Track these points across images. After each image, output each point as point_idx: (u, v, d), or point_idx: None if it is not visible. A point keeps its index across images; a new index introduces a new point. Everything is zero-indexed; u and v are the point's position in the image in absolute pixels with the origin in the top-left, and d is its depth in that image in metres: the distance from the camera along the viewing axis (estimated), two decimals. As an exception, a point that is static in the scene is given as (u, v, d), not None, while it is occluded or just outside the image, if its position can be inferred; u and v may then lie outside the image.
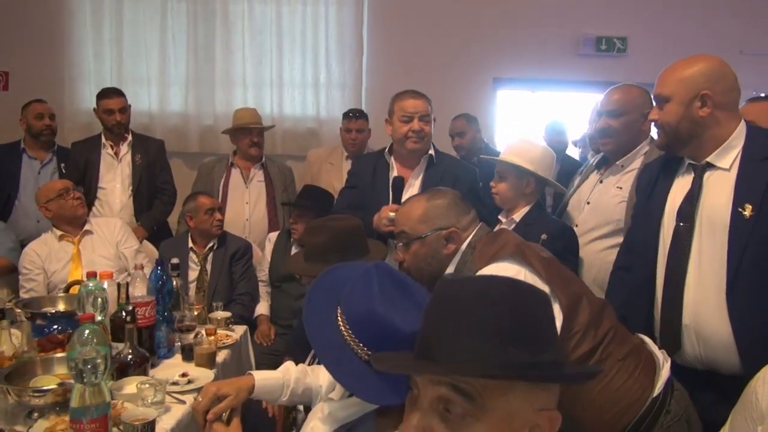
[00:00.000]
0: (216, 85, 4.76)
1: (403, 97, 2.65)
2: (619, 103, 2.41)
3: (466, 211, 1.69)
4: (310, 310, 1.31)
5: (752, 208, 1.72)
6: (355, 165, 2.95)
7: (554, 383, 0.80)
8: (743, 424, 1.36)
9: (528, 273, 1.46)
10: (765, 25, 4.76)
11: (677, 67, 1.86)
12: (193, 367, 2.22)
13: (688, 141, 1.85)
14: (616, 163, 2.45)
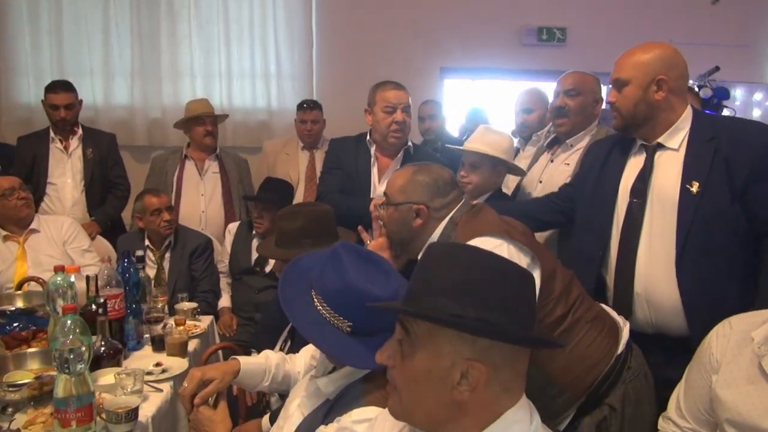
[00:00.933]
0: (163, 77, 4.67)
1: (385, 88, 2.66)
2: (576, 83, 2.57)
3: (443, 194, 1.75)
4: (286, 300, 1.38)
5: (699, 184, 1.84)
6: (333, 148, 2.87)
7: (468, 333, 0.92)
8: (698, 376, 1.52)
9: (510, 246, 1.56)
10: (694, 15, 5.05)
11: (635, 53, 1.95)
12: (165, 357, 2.24)
13: (642, 123, 1.96)
14: (566, 142, 2.62)
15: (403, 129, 2.63)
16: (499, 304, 0.94)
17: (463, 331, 0.93)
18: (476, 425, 0.95)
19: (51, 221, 3.15)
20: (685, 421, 1.54)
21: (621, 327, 1.71)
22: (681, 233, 1.85)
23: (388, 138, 2.64)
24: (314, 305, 1.35)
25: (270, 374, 1.73)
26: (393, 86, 2.66)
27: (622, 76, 1.94)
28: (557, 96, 2.61)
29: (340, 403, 1.32)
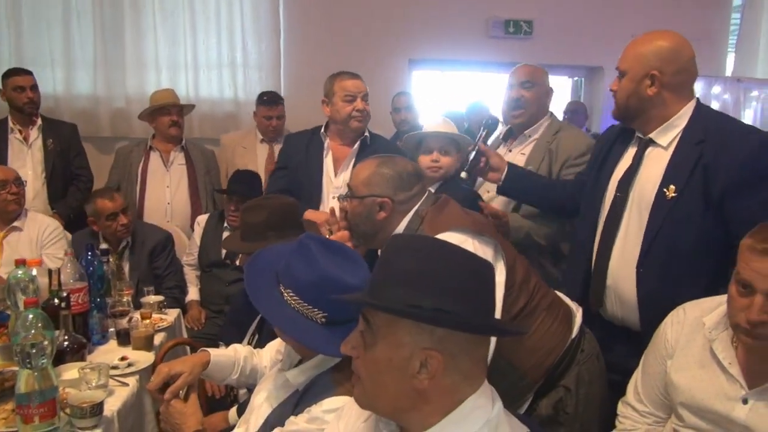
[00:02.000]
0: (127, 67, 4.57)
1: (343, 78, 2.68)
2: (530, 75, 2.60)
3: (408, 187, 1.76)
4: (256, 297, 1.38)
5: (675, 189, 1.80)
6: (285, 144, 2.93)
7: (428, 324, 0.95)
8: (654, 362, 1.58)
9: (474, 241, 1.59)
10: (655, 9, 5.15)
11: (637, 42, 1.90)
12: (131, 351, 2.22)
13: (635, 116, 1.92)
14: (524, 133, 2.64)
15: (364, 116, 2.67)
16: (457, 294, 0.96)
17: (419, 321, 0.95)
18: (438, 412, 0.97)
19: (38, 221, 3.07)
20: (642, 405, 1.60)
21: (574, 312, 1.78)
22: (648, 235, 1.84)
23: (351, 124, 2.66)
24: (284, 300, 1.34)
25: (239, 367, 1.74)
26: (350, 76, 2.69)
27: (621, 67, 1.92)
28: (512, 88, 2.62)
29: (310, 394, 1.33)
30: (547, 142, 2.54)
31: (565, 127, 2.63)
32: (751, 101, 5.28)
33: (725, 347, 1.42)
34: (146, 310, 2.45)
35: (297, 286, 1.33)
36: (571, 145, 2.49)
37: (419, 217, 1.74)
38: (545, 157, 2.50)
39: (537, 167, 2.49)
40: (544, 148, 2.53)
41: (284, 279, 1.36)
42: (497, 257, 1.62)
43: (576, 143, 2.50)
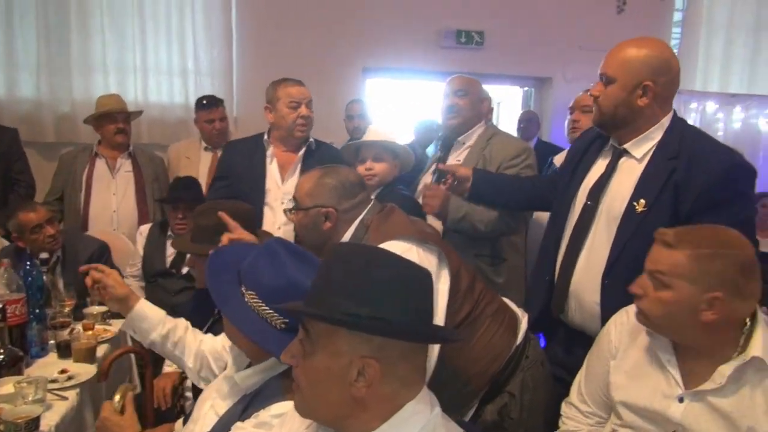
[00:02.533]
0: (73, 71, 4.46)
1: (287, 84, 2.68)
2: (464, 84, 2.70)
3: (351, 196, 1.78)
4: (218, 293, 1.37)
5: (645, 203, 1.77)
6: (224, 153, 2.88)
7: (366, 333, 0.96)
8: (597, 363, 1.62)
9: (419, 249, 1.61)
10: (601, 24, 5.32)
11: (628, 49, 1.83)
12: (72, 363, 2.15)
13: (621, 126, 1.86)
14: (457, 140, 2.70)
15: (308, 123, 2.68)
16: (394, 302, 0.98)
17: (356, 330, 0.96)
18: (377, 419, 0.98)
19: None
20: (586, 405, 1.64)
21: (520, 319, 1.81)
22: (615, 248, 1.82)
23: (295, 132, 2.66)
24: (245, 301, 1.33)
25: (165, 328, 1.74)
26: (294, 82, 2.70)
27: (609, 73, 1.84)
28: (447, 97, 2.71)
29: (259, 398, 1.32)
30: (481, 148, 2.59)
31: (498, 134, 2.70)
32: (690, 112, 5.50)
33: (665, 347, 1.47)
34: (89, 321, 2.38)
35: (261, 289, 1.31)
36: (504, 149, 2.55)
37: (364, 226, 1.76)
38: (479, 163, 2.54)
39: None
40: (478, 154, 2.58)
41: (247, 280, 1.34)
42: (441, 265, 1.64)
43: (508, 147, 2.57)
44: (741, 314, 1.37)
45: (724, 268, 1.32)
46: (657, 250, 1.42)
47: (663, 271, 1.38)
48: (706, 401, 1.39)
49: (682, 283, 1.35)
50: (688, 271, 1.34)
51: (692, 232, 1.41)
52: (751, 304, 1.37)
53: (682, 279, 1.35)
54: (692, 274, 1.34)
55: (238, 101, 4.77)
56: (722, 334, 1.38)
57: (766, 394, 1.33)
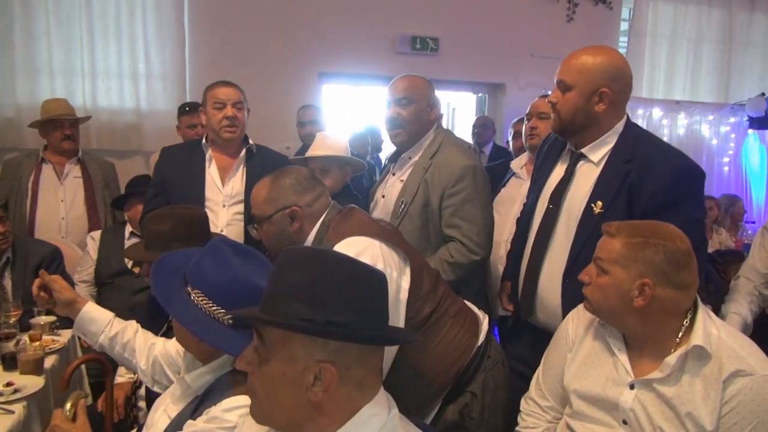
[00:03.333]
0: (17, 73, 4.29)
1: (215, 87, 2.65)
2: (407, 91, 2.34)
3: (310, 189, 1.77)
4: (164, 298, 1.36)
5: (602, 205, 1.82)
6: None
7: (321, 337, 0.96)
8: (555, 356, 1.66)
9: (382, 245, 1.61)
10: (552, 32, 5.48)
11: (584, 57, 1.88)
12: (18, 375, 2.07)
13: (579, 131, 1.91)
14: (402, 156, 2.42)
15: (234, 124, 2.61)
16: (348, 305, 0.98)
17: (311, 335, 0.96)
18: (334, 423, 0.98)
19: None
20: (544, 399, 1.67)
21: (481, 320, 1.82)
22: (574, 248, 1.87)
23: (221, 133, 2.61)
24: (191, 300, 1.33)
25: (113, 329, 1.74)
26: (223, 84, 2.67)
27: (567, 80, 1.88)
28: (389, 106, 2.38)
29: (209, 397, 1.32)
30: (423, 168, 2.31)
31: (444, 147, 2.34)
32: (637, 118, 5.69)
33: (616, 336, 1.54)
34: (35, 331, 2.29)
35: (206, 287, 1.32)
36: (445, 173, 2.26)
37: (326, 226, 1.75)
38: (420, 189, 2.28)
39: (411, 199, 2.28)
40: (419, 176, 2.31)
41: (193, 280, 1.35)
42: (404, 263, 1.64)
43: (449, 170, 2.26)
44: (677, 304, 1.43)
45: (652, 256, 1.40)
46: (602, 240, 1.51)
47: (602, 258, 1.48)
48: (653, 389, 1.44)
49: (616, 269, 1.44)
50: (621, 257, 1.43)
51: (632, 224, 1.50)
52: (687, 294, 1.44)
53: (616, 264, 1.44)
54: (624, 259, 1.43)
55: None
56: (661, 323, 1.44)
57: (705, 381, 1.39)
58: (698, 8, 5.89)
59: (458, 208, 2.23)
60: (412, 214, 2.28)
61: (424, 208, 2.26)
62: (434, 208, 2.26)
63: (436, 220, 2.27)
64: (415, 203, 2.27)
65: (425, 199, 2.26)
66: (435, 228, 2.28)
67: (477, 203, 2.26)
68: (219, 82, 2.69)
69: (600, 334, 1.57)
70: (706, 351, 1.39)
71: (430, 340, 1.67)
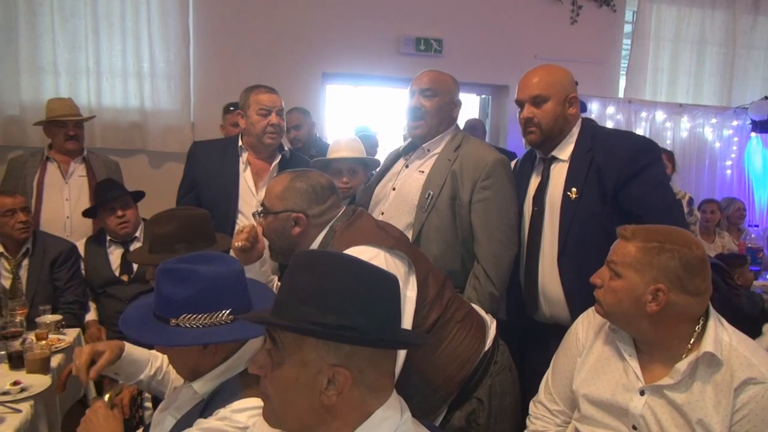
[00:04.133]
0: (21, 71, 4.29)
1: (259, 91, 2.66)
2: (433, 83, 2.32)
3: (322, 200, 1.77)
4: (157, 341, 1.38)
5: (576, 191, 2.06)
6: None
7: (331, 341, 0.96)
8: (565, 360, 1.66)
9: (387, 255, 1.61)
10: (555, 34, 5.48)
11: (549, 72, 2.15)
12: (25, 374, 2.08)
13: (556, 136, 2.14)
14: (422, 147, 2.35)
15: (278, 131, 2.66)
16: (360, 309, 0.98)
17: (323, 339, 0.96)
18: (347, 427, 0.99)
19: None
20: (554, 403, 1.67)
21: (488, 324, 1.82)
22: (562, 234, 2.08)
23: (264, 140, 2.64)
24: (182, 329, 1.32)
25: (153, 367, 1.72)
26: (266, 90, 2.68)
27: (543, 93, 2.10)
28: (413, 95, 2.35)
29: (217, 399, 1.33)
30: (449, 159, 2.24)
31: (467, 141, 2.32)
32: (640, 121, 5.70)
33: (627, 341, 1.54)
34: (42, 330, 2.29)
35: (188, 306, 1.32)
36: (474, 165, 2.19)
37: (333, 231, 1.75)
38: (447, 180, 2.20)
39: (439, 191, 2.19)
40: (445, 167, 2.22)
41: (170, 312, 1.33)
42: (409, 272, 1.64)
43: (480, 162, 2.20)
44: (690, 310, 1.44)
45: (667, 261, 1.40)
46: (617, 243, 1.52)
47: (615, 261, 1.48)
48: (664, 395, 1.44)
49: (630, 273, 1.45)
50: (636, 261, 1.44)
51: (648, 228, 1.50)
52: (701, 301, 1.44)
53: (630, 269, 1.45)
54: (639, 264, 1.43)
55: (195, 105, 4.69)
56: (673, 329, 1.45)
57: (716, 388, 1.40)
58: (702, 11, 5.88)
59: (492, 202, 2.16)
60: (441, 208, 2.18)
61: (451, 200, 2.18)
62: (464, 200, 2.17)
63: (465, 214, 2.18)
64: (443, 195, 2.18)
65: (453, 191, 2.18)
66: (463, 222, 2.18)
67: (509, 197, 2.21)
68: (261, 87, 2.70)
69: (610, 338, 1.57)
70: (717, 358, 1.39)
71: (436, 346, 1.67)
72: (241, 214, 2.62)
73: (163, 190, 3.61)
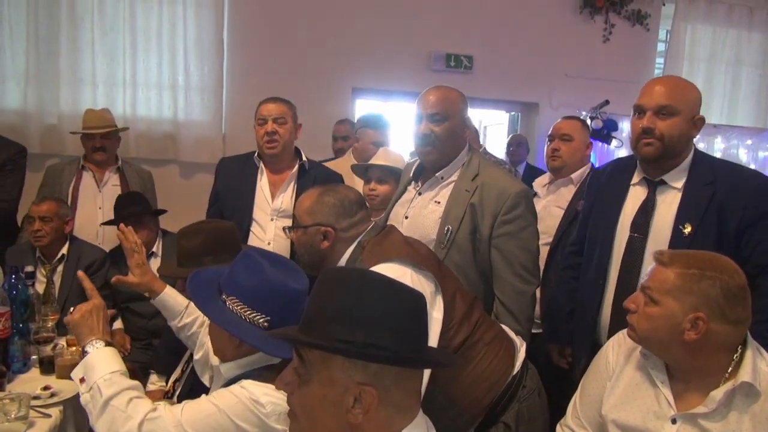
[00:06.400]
0: (61, 82, 4.41)
1: (263, 102, 2.75)
2: (441, 106, 2.12)
3: (350, 215, 1.77)
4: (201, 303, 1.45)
5: (691, 227, 1.90)
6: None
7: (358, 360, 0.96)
8: (594, 384, 1.63)
9: (414, 274, 1.59)
10: (587, 52, 5.44)
11: (680, 84, 1.99)
12: (55, 380, 2.11)
13: (674, 157, 1.98)
14: (435, 175, 2.18)
15: (273, 139, 2.67)
16: (387, 327, 0.98)
17: (351, 357, 0.96)
18: None
19: None
20: (582, 428, 1.63)
21: (518, 347, 1.78)
22: None
23: (263, 148, 2.70)
24: (227, 307, 1.41)
25: (183, 321, 1.96)
26: (269, 100, 2.75)
27: (673, 104, 1.93)
28: (420, 121, 2.15)
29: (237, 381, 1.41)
30: (467, 191, 2.10)
31: (485, 169, 2.16)
32: (673, 142, 5.61)
33: (659, 368, 1.50)
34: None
35: (240, 292, 1.40)
36: (495, 197, 2.07)
37: (361, 247, 1.75)
38: (467, 214, 2.08)
39: (458, 226, 2.08)
40: (463, 199, 2.09)
41: (227, 287, 1.43)
42: (436, 292, 1.62)
43: (501, 195, 2.07)
44: (729, 339, 1.40)
45: (708, 289, 1.36)
46: (653, 269, 1.47)
47: (652, 287, 1.44)
48: (697, 424, 1.40)
49: (667, 300, 1.40)
50: (674, 288, 1.39)
51: (687, 254, 1.46)
52: (740, 330, 1.40)
53: (669, 295, 1.40)
54: (677, 291, 1.39)
55: (227, 118, 4.77)
56: (710, 357, 1.40)
57: (754, 419, 1.35)
58: (738, 31, 5.80)
59: (514, 237, 2.06)
60: (461, 243, 2.07)
61: (471, 235, 2.07)
62: (484, 235, 2.06)
63: (484, 249, 2.08)
64: (462, 230, 2.07)
65: (473, 226, 2.07)
66: (483, 257, 2.09)
67: (533, 230, 2.13)
68: (266, 99, 2.76)
69: (641, 363, 1.53)
70: (755, 388, 1.35)
71: (462, 368, 1.64)
72: (256, 222, 2.66)
73: (193, 200, 3.67)
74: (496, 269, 2.07)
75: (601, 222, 2.13)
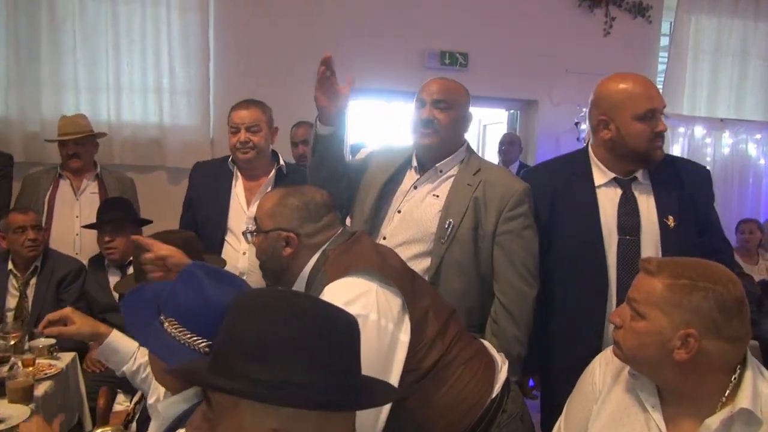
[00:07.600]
0: (43, 88, 4.29)
1: (234, 108, 2.63)
2: (447, 94, 2.05)
3: (316, 219, 1.61)
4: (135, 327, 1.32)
5: (674, 218, 1.93)
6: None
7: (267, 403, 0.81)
8: (579, 406, 1.47)
9: (379, 289, 1.45)
10: (587, 47, 5.28)
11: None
12: (6, 404, 1.98)
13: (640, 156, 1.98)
14: (435, 166, 2.08)
15: (248, 148, 2.57)
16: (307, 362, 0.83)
17: (257, 400, 0.81)
18: None
19: None
20: None
21: (499, 366, 1.62)
22: None
23: (237, 156, 2.60)
24: (164, 330, 1.26)
25: (136, 363, 1.76)
26: (241, 106, 2.63)
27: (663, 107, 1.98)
28: (423, 106, 2.05)
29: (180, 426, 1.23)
30: (468, 185, 2.01)
31: (486, 166, 2.11)
32: (678, 137, 5.44)
33: (649, 390, 1.35)
34: (29, 356, 2.20)
35: (179, 314, 1.25)
36: (500, 193, 1.98)
37: (326, 256, 1.60)
38: (469, 208, 1.98)
39: (460, 220, 1.97)
40: (466, 193, 2.00)
41: (166, 308, 1.29)
42: (403, 312, 1.47)
43: (507, 191, 1.99)
44: (725, 359, 1.24)
45: (700, 302, 1.20)
46: (639, 277, 1.32)
47: (638, 299, 1.29)
48: None
49: (655, 313, 1.25)
50: (662, 301, 1.24)
51: (676, 262, 1.30)
52: (738, 348, 1.24)
53: (656, 308, 1.24)
54: (666, 304, 1.23)
55: (214, 121, 4.64)
56: (704, 379, 1.25)
57: None
58: (744, 22, 5.60)
59: (518, 235, 1.97)
60: (462, 239, 1.96)
61: (473, 231, 1.97)
62: (487, 232, 1.97)
63: (486, 247, 1.97)
64: (464, 225, 1.96)
65: (475, 221, 1.97)
66: (485, 255, 1.98)
67: (535, 230, 2.02)
68: (240, 103, 2.64)
69: (630, 385, 1.38)
70: (756, 416, 1.19)
71: (434, 391, 1.48)
72: (230, 232, 2.56)
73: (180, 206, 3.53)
74: (499, 269, 1.97)
75: (573, 236, 2.01)
